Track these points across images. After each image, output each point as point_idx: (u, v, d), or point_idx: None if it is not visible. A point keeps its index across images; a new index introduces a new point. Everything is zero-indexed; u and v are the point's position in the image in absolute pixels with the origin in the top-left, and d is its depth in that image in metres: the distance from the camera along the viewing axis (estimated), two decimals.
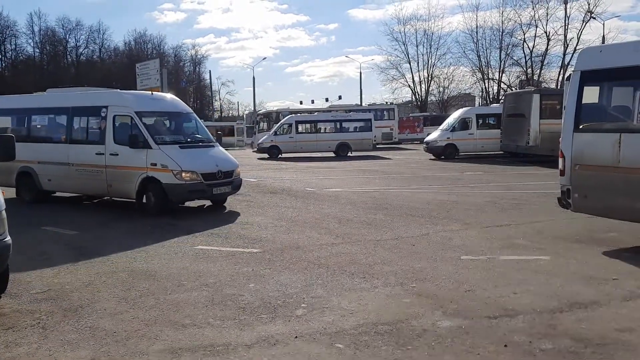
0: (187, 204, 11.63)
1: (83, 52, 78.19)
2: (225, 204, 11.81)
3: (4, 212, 5.14)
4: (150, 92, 12.38)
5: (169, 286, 5.86)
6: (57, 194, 13.10)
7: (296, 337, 4.37)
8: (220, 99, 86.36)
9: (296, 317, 4.84)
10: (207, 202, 11.87)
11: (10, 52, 72.45)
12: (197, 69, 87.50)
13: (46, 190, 12.65)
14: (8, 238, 5.16)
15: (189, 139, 11.75)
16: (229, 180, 11.22)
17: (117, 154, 10.99)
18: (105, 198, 12.70)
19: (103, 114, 11.37)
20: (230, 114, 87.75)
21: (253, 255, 7.20)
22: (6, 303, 5.37)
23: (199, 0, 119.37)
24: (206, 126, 41.61)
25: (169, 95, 12.99)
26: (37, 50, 75.24)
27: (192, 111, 12.51)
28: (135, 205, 11.04)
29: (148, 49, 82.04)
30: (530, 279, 5.84)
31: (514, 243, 7.62)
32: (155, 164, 10.53)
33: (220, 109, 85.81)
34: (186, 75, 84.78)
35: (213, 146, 11.88)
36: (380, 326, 4.55)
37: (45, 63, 76.68)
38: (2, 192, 5.43)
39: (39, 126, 13.33)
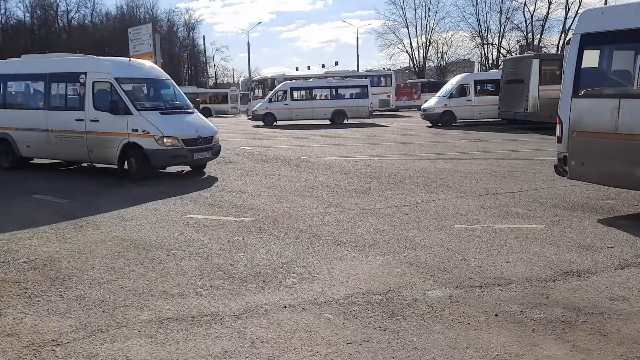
0: (168, 169, 11.85)
1: (74, 16, 76.82)
2: (205, 170, 12.09)
3: None
4: (127, 58, 12.39)
5: (158, 255, 5.78)
6: (36, 160, 13.15)
7: (285, 306, 4.31)
8: (214, 65, 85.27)
9: (286, 286, 4.77)
10: (186, 168, 12.12)
11: (0, 17, 71.04)
12: (191, 34, 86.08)
13: (25, 157, 12.69)
14: None
15: (168, 105, 11.88)
16: (209, 145, 11.47)
17: (98, 120, 11.08)
18: (84, 164, 12.86)
19: (82, 80, 11.39)
20: (225, 81, 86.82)
21: (244, 224, 7.11)
22: None
23: None
24: (200, 93, 41.11)
25: (147, 62, 12.98)
26: (28, 14, 73.84)
27: (170, 77, 12.59)
28: (117, 170, 11.19)
29: (140, 13, 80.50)
30: (524, 247, 5.77)
31: (508, 211, 7.54)
32: (137, 130, 10.68)
33: (215, 76, 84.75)
34: (180, 41, 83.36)
35: (192, 112, 12.05)
36: (371, 296, 4.50)
37: (36, 28, 75.27)
38: None
39: (15, 93, 13.25)
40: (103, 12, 79.92)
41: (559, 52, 38.60)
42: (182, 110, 11.89)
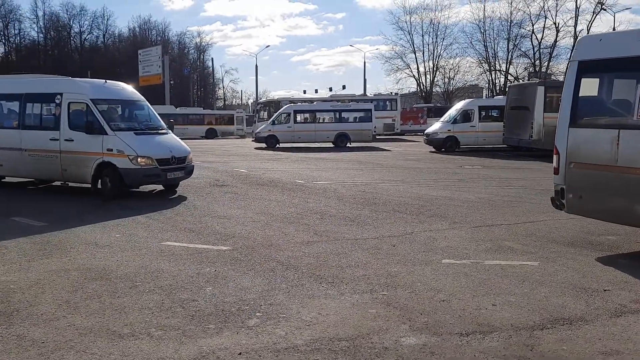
0: (141, 188, 12.12)
1: (87, 37, 78.00)
2: (177, 189, 12.22)
3: None
4: (104, 80, 12.43)
5: (120, 288, 5.40)
6: (7, 179, 13.28)
7: (240, 353, 3.89)
8: (224, 87, 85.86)
9: (247, 328, 4.36)
10: (158, 187, 12.28)
11: (14, 37, 72.35)
12: (202, 57, 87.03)
13: None
14: None
15: (143, 126, 12.02)
16: (182, 165, 11.67)
17: (72, 140, 11.20)
18: (57, 183, 12.87)
19: (57, 101, 11.58)
20: (234, 102, 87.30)
21: (220, 254, 6.73)
22: None
23: None
24: (206, 114, 41.40)
25: (123, 84, 13.05)
26: (42, 35, 75.05)
27: (145, 99, 12.73)
28: (91, 189, 11.28)
29: (152, 35, 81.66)
30: (513, 288, 5.33)
31: (502, 246, 7.10)
32: (112, 150, 10.87)
33: (224, 97, 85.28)
34: (190, 63, 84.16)
35: (166, 133, 12.24)
36: (337, 342, 4.07)
37: (49, 48, 76.35)
38: None
39: None
40: (116, 34, 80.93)
41: None
42: (156, 131, 12.06)
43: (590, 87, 7.06)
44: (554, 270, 5.96)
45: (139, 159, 10.77)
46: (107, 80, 12.41)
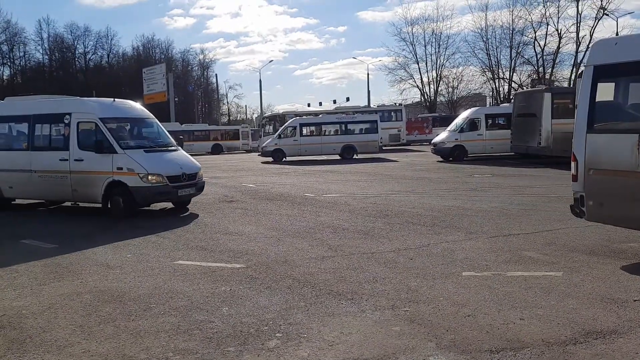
0: (152, 206, 11.98)
1: (91, 58, 78.56)
2: (196, 208, 11.99)
3: None
4: (112, 99, 12.35)
5: (134, 310, 5.26)
6: (17, 201, 13.15)
7: None
8: (228, 103, 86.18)
9: (267, 350, 4.21)
10: (169, 205, 12.18)
11: (19, 59, 72.87)
12: (206, 73, 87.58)
13: (7, 198, 12.66)
14: None
15: (152, 144, 11.96)
16: (193, 182, 11.55)
17: (82, 160, 11.17)
18: (67, 204, 12.84)
19: (66, 121, 11.51)
20: (238, 118, 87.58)
21: (234, 272, 6.59)
22: None
23: (208, 5, 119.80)
24: (211, 130, 41.57)
25: (131, 102, 13.04)
26: (46, 56, 75.63)
27: (153, 117, 12.67)
28: (102, 209, 11.21)
29: (156, 53, 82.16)
30: (539, 300, 5.16)
31: (522, 256, 6.93)
32: (122, 168, 10.80)
33: (229, 113, 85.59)
34: (194, 80, 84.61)
35: (176, 149, 12.15)
36: None
37: (54, 69, 76.94)
38: None
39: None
40: (120, 53, 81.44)
41: (571, 86, 38.12)
42: (166, 148, 11.98)
43: (606, 91, 6.92)
44: (579, 280, 5.78)
45: (149, 177, 10.69)
46: (116, 99, 12.35)
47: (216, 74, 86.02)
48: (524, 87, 48.14)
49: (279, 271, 6.54)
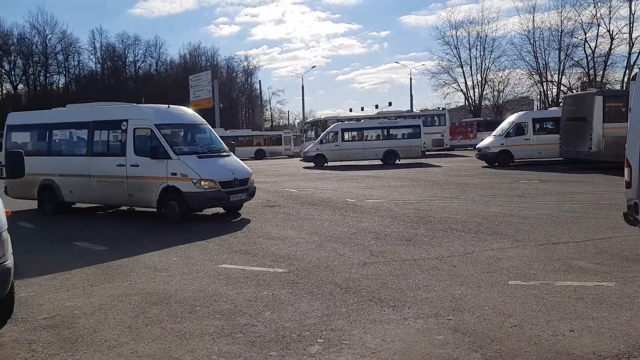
0: (204, 211, 12.10)
1: (141, 66, 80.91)
2: (247, 213, 12.06)
3: (5, 234, 4.77)
4: (167, 105, 12.59)
5: (179, 312, 5.38)
6: (77, 205, 13.47)
7: None
8: (271, 109, 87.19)
9: (309, 355, 4.22)
10: (221, 209, 12.29)
11: (73, 68, 75.81)
12: (249, 80, 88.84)
13: (67, 202, 13.06)
14: (9, 261, 4.77)
15: (205, 149, 12.04)
16: (245, 187, 11.65)
17: (138, 165, 11.42)
18: (123, 208, 13.18)
19: (123, 127, 11.81)
20: (281, 123, 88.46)
21: (277, 276, 6.64)
22: (8, 331, 5.02)
23: (253, 13, 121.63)
24: (255, 136, 42.13)
25: (184, 108, 13.23)
26: (99, 65, 78.45)
27: (206, 122, 12.87)
28: (157, 213, 11.40)
29: (202, 61, 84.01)
30: (590, 311, 4.97)
31: (572, 265, 6.70)
32: (176, 174, 10.98)
33: (271, 118, 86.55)
34: (238, 86, 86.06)
35: (228, 155, 12.25)
36: None
37: (106, 77, 79.75)
38: (8, 212, 5.10)
39: (60, 140, 13.67)
40: (167, 61, 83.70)
41: (624, 88, 36.66)
42: (218, 153, 12.07)
43: None
44: (632, 291, 5.54)
45: (202, 182, 10.82)
46: (170, 105, 12.56)
47: (259, 80, 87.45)
48: (574, 90, 46.54)
49: (320, 276, 6.56)
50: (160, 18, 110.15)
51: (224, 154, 12.19)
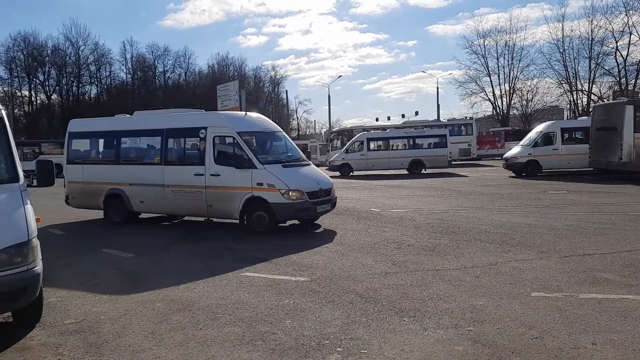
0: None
1: (170, 76, 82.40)
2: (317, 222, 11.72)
3: (34, 240, 4.96)
4: (244, 112, 12.21)
5: (202, 319, 5.48)
6: (142, 215, 13.01)
7: None
8: (297, 118, 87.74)
9: None
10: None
11: (105, 79, 77.67)
12: (276, 89, 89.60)
13: (135, 212, 12.62)
14: (38, 267, 4.97)
15: (286, 158, 11.58)
16: (329, 198, 11.20)
17: (219, 175, 10.99)
18: (185, 218, 12.86)
19: (202, 135, 11.30)
20: (307, 132, 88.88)
21: (298, 285, 6.70)
22: (36, 334, 5.21)
23: (280, 24, 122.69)
24: None
25: (260, 115, 12.74)
26: (129, 75, 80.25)
27: (282, 130, 12.43)
28: (239, 224, 10.99)
29: (230, 71, 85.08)
30: (614, 324, 4.89)
31: (597, 277, 6.59)
32: (262, 184, 10.53)
33: (298, 127, 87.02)
34: (265, 96, 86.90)
35: (308, 164, 11.81)
36: None
37: (136, 88, 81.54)
38: (38, 219, 5.30)
39: (129, 148, 13.27)
40: (196, 71, 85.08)
41: None
42: (299, 162, 11.59)
43: None
44: None
45: (290, 193, 10.38)
46: (247, 112, 12.19)
47: (286, 90, 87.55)
48: (604, 100, 45.59)
49: (342, 285, 6.59)
50: (189, 29, 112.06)
51: (304, 162, 11.73)
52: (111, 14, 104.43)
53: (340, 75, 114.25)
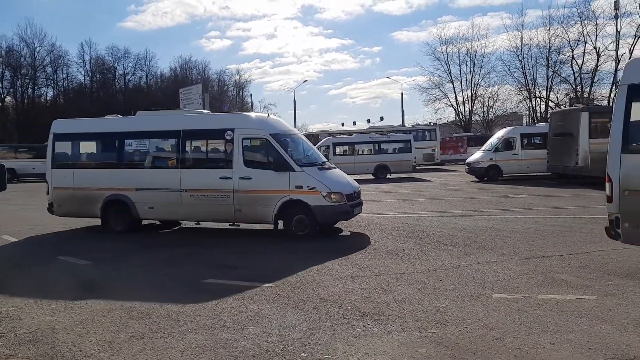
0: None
1: (130, 79, 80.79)
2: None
3: None
4: (265, 114, 11.70)
5: (162, 327, 5.35)
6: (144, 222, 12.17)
7: None
8: None
9: None
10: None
11: (62, 81, 75.47)
12: (241, 93, 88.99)
13: (141, 219, 11.79)
14: None
15: (315, 160, 11.30)
16: (360, 200, 11.16)
17: (250, 178, 10.54)
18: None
19: (228, 137, 10.77)
20: None
21: (263, 291, 6.63)
22: None
23: (245, 28, 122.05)
24: None
25: (278, 118, 12.38)
26: (88, 78, 78.28)
27: (299, 132, 12.06)
28: (273, 229, 10.67)
29: (193, 74, 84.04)
30: (571, 324, 5.01)
31: (555, 278, 6.75)
32: (301, 187, 10.24)
33: None
34: (230, 100, 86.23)
35: (334, 167, 11.68)
36: None
37: (95, 90, 79.62)
38: None
39: (135, 151, 12.29)
40: (158, 74, 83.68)
41: (610, 105, 37.18)
42: (325, 164, 11.35)
43: None
44: (613, 304, 5.60)
45: (332, 196, 10.18)
46: (269, 114, 11.80)
47: (251, 94, 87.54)
48: (562, 106, 47.10)
49: (306, 291, 6.55)
50: (151, 31, 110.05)
51: (330, 165, 11.54)
52: (69, 14, 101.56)
53: (306, 80, 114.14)
